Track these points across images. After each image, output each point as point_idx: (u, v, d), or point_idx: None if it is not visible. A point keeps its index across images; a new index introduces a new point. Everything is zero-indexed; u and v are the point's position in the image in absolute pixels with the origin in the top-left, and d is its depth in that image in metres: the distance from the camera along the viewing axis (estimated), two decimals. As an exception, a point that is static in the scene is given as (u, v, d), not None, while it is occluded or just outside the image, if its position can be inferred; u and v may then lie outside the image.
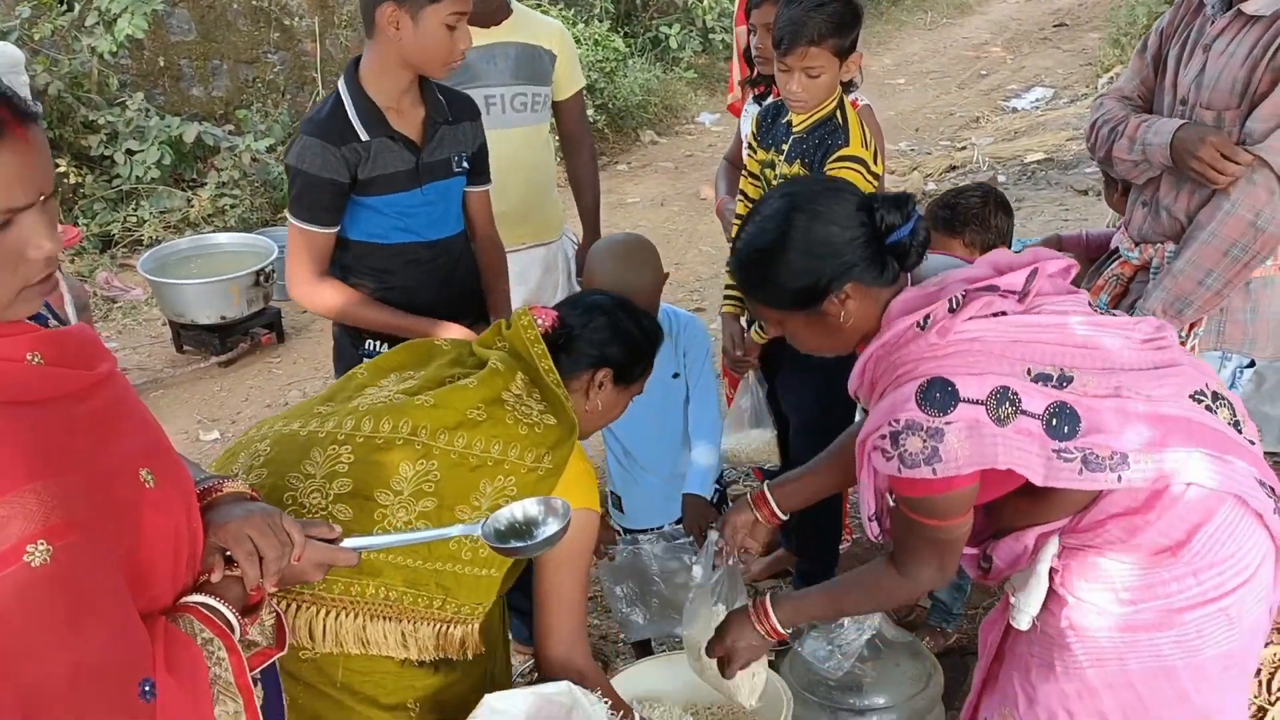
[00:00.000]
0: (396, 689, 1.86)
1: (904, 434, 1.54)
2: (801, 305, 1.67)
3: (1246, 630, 1.64)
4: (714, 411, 2.67)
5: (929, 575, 1.72)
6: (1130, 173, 2.40)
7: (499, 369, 1.88)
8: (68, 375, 1.16)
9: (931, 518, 1.62)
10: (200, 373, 5.11)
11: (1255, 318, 2.30)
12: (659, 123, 8.90)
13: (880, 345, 1.64)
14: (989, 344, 1.57)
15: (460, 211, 2.64)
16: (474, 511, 1.77)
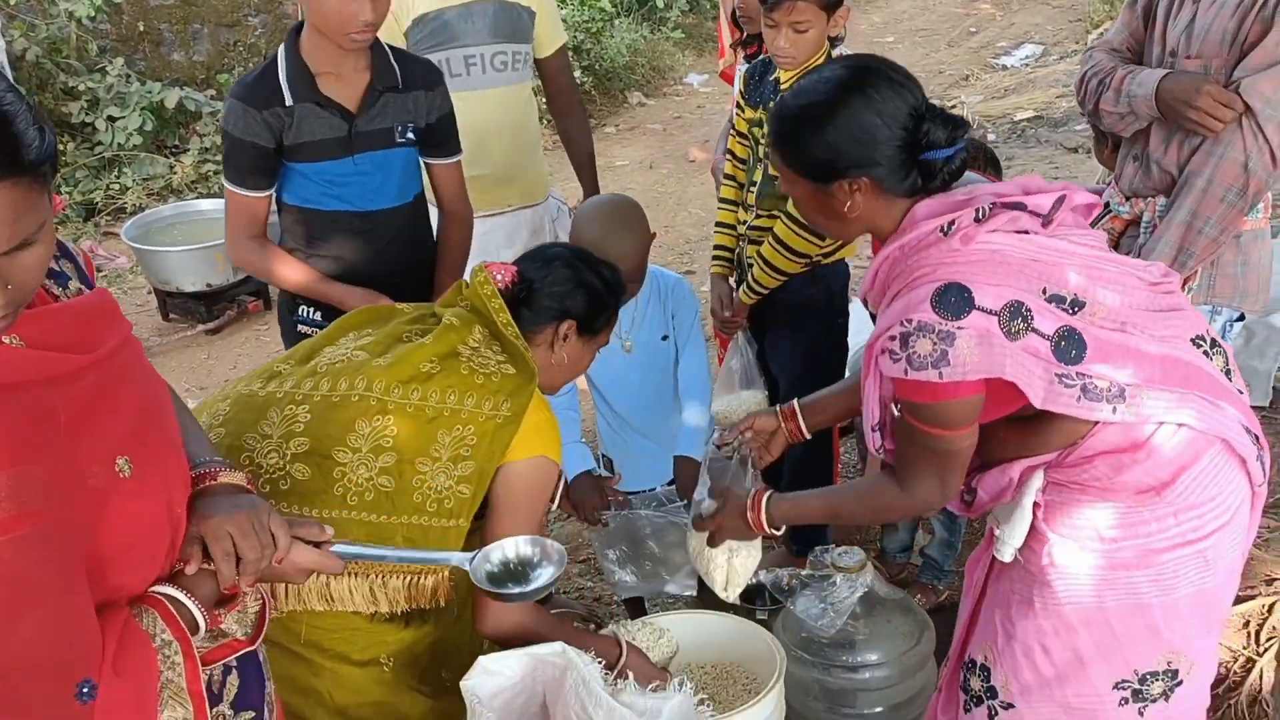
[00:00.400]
0: (368, 645, 1.85)
1: (915, 335, 1.52)
2: (813, 176, 1.66)
3: (1221, 572, 1.67)
4: (704, 372, 2.67)
5: (928, 489, 1.69)
6: (1117, 125, 2.39)
7: (454, 324, 1.88)
8: (49, 359, 1.12)
9: (934, 425, 1.60)
10: (187, 340, 5.08)
11: (1246, 270, 2.30)
12: (647, 84, 8.82)
13: (899, 246, 1.62)
14: (1009, 258, 1.56)
15: (408, 184, 2.57)
16: (434, 463, 1.77)
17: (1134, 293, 1.62)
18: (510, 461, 1.82)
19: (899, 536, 3.09)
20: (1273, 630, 2.54)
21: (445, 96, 2.57)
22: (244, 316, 5.21)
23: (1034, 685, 1.73)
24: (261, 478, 1.76)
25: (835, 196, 1.65)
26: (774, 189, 2.72)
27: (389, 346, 1.88)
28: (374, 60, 2.45)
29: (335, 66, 2.41)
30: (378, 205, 2.51)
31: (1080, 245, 1.62)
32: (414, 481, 1.77)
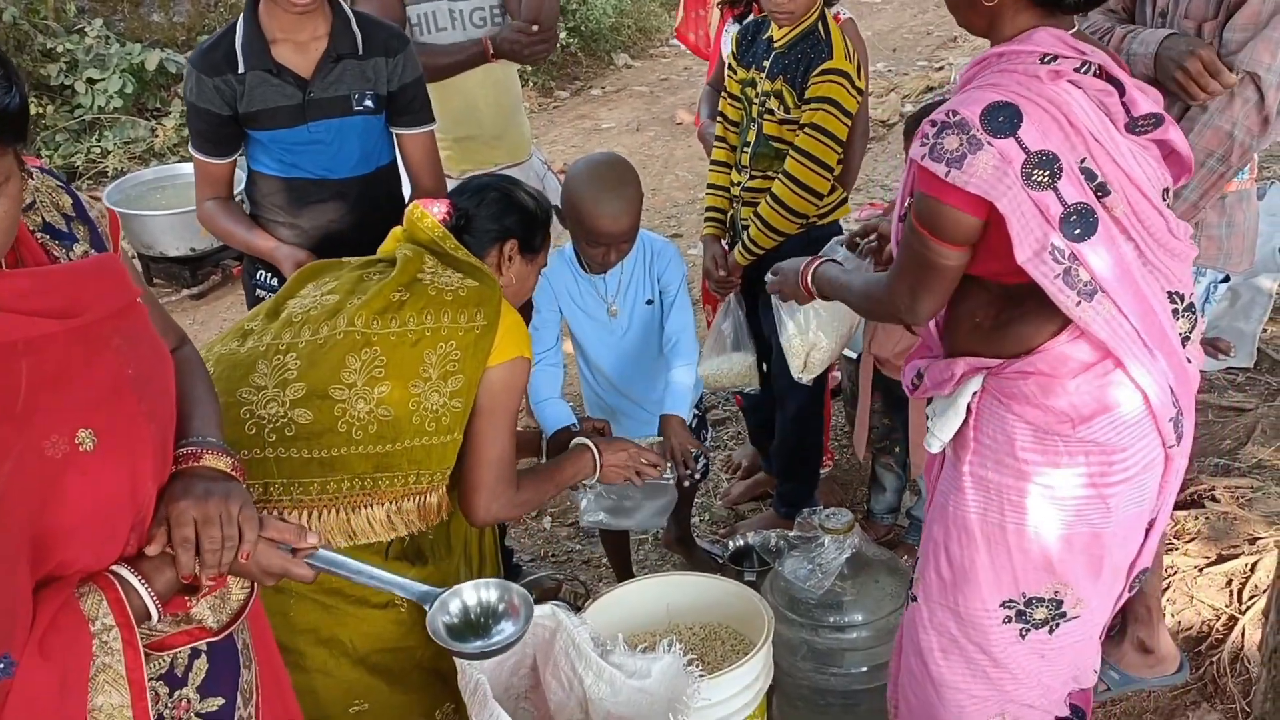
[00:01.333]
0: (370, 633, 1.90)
1: (952, 128, 1.55)
2: None
3: (1119, 522, 1.74)
4: (690, 333, 2.67)
5: (901, 296, 1.74)
6: None
7: (407, 256, 1.93)
8: (17, 322, 1.08)
9: (925, 224, 1.63)
10: (171, 306, 5.05)
11: (1230, 232, 2.30)
12: (632, 45, 8.75)
13: (999, 53, 1.64)
14: (1073, 116, 1.57)
15: (372, 152, 2.51)
16: (425, 383, 1.83)
17: (1156, 224, 1.65)
18: (491, 366, 1.88)
19: (886, 498, 3.11)
20: (1255, 589, 2.58)
21: (412, 63, 2.49)
22: (228, 281, 5.18)
23: (934, 587, 1.84)
24: (265, 427, 1.79)
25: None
26: (768, 149, 2.71)
27: (355, 286, 1.93)
28: (333, 25, 2.40)
29: (291, 33, 2.37)
30: (337, 174, 2.48)
31: (1140, 165, 1.64)
32: (411, 404, 1.82)
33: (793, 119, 2.63)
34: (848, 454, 3.47)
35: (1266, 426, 3.23)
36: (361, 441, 1.81)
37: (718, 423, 3.82)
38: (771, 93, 2.65)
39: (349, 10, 2.46)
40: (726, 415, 3.88)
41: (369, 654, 1.92)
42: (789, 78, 2.62)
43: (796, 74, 2.61)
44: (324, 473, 1.80)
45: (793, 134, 2.64)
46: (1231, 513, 2.81)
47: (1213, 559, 2.70)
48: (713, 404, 3.88)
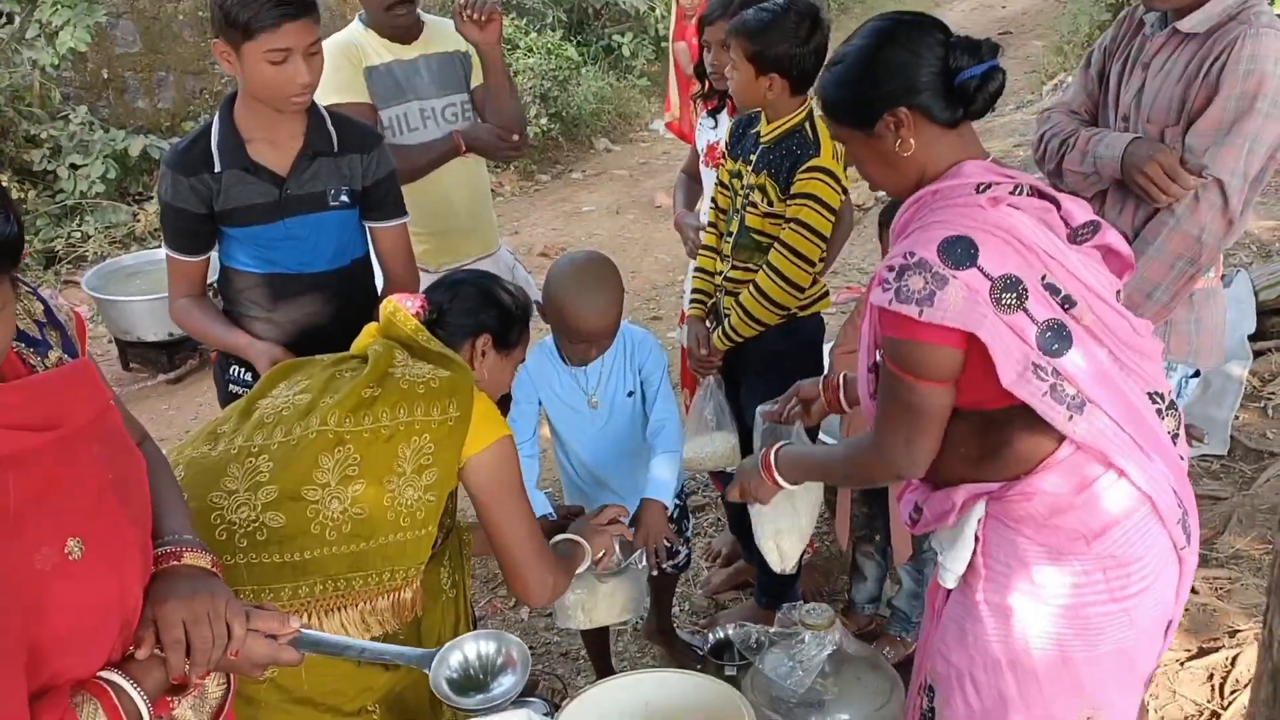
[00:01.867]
0: (356, 693, 1.88)
1: (912, 270, 1.56)
2: (857, 121, 1.71)
3: (1143, 630, 1.70)
4: (676, 422, 2.67)
5: (897, 449, 1.70)
6: (1080, 185, 2.42)
7: (379, 352, 1.93)
8: (4, 437, 1.09)
9: (906, 370, 1.62)
10: (148, 390, 5.02)
11: (1199, 329, 2.34)
12: (613, 130, 8.91)
13: (934, 190, 1.67)
14: (1023, 236, 1.60)
15: (346, 247, 2.55)
16: (400, 478, 1.81)
17: (1122, 327, 1.67)
18: (472, 455, 1.88)
19: (867, 587, 3.09)
20: (1236, 683, 2.56)
21: (385, 159, 2.54)
22: (205, 366, 5.15)
23: (963, 715, 1.77)
24: (237, 533, 1.76)
25: (883, 139, 1.69)
26: (749, 240, 2.75)
27: (327, 385, 1.92)
28: (309, 124, 2.45)
29: (268, 132, 2.41)
30: (312, 268, 2.50)
31: (1092, 274, 1.67)
32: (385, 501, 1.80)
33: (775, 213, 2.68)
34: (828, 541, 3.46)
35: (1242, 516, 3.24)
36: (335, 541, 1.78)
37: (697, 509, 3.80)
38: (755, 186, 2.71)
39: (323, 110, 2.50)
40: (706, 501, 3.87)
41: None
42: (773, 172, 2.67)
43: (781, 170, 2.66)
44: (296, 577, 1.77)
45: (774, 227, 2.69)
46: (1210, 604, 2.81)
47: (1194, 652, 2.69)
48: (692, 489, 3.86)
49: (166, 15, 7.41)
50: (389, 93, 2.98)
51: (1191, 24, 2.18)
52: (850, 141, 1.77)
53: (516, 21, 8.55)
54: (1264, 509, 3.25)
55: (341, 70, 2.87)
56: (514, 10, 8.77)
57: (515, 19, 8.57)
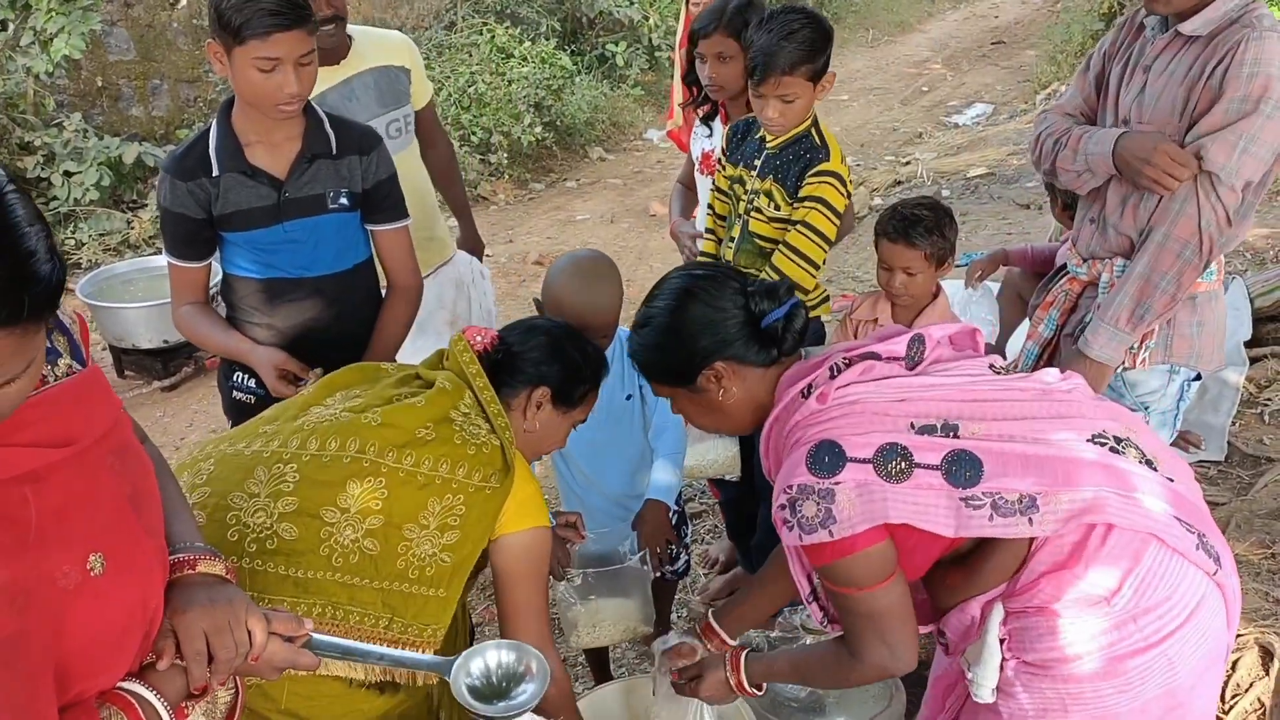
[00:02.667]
0: (344, 713, 1.83)
1: (799, 500, 1.56)
2: (678, 381, 1.78)
3: (1188, 671, 1.62)
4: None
5: (877, 654, 1.66)
6: (1074, 183, 2.44)
7: (446, 389, 1.88)
8: (23, 456, 1.08)
9: (848, 586, 1.61)
10: (143, 398, 5.00)
11: (1201, 331, 2.34)
12: (607, 139, 8.92)
13: (774, 419, 1.71)
14: (870, 404, 1.61)
15: (347, 250, 2.54)
16: (421, 530, 1.76)
17: (1015, 406, 1.63)
18: (506, 534, 1.84)
19: None
20: (1236, 687, 2.56)
21: (385, 161, 2.53)
22: (200, 373, 5.14)
23: None
24: (248, 536, 1.74)
25: (706, 391, 1.75)
26: (752, 245, 2.75)
27: (378, 402, 1.88)
28: (307, 126, 2.43)
29: (265, 135, 2.40)
30: (313, 272, 2.49)
31: (950, 377, 1.66)
32: (399, 548, 1.76)
33: (782, 217, 2.68)
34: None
35: (1240, 521, 3.24)
36: (340, 570, 1.74)
37: (694, 515, 3.79)
38: (761, 191, 2.70)
39: (321, 112, 2.49)
40: (703, 508, 3.86)
41: None
42: (779, 177, 2.67)
43: (789, 175, 2.66)
44: (297, 593, 1.73)
45: (780, 231, 2.69)
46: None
47: (1194, 656, 2.68)
48: (689, 496, 3.86)
49: (161, 23, 7.40)
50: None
51: (1193, 27, 2.19)
52: (675, 398, 1.81)
53: (511, 30, 8.56)
54: (1262, 514, 3.25)
55: None
56: (508, 19, 8.79)
57: (510, 28, 8.59)
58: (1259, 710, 2.50)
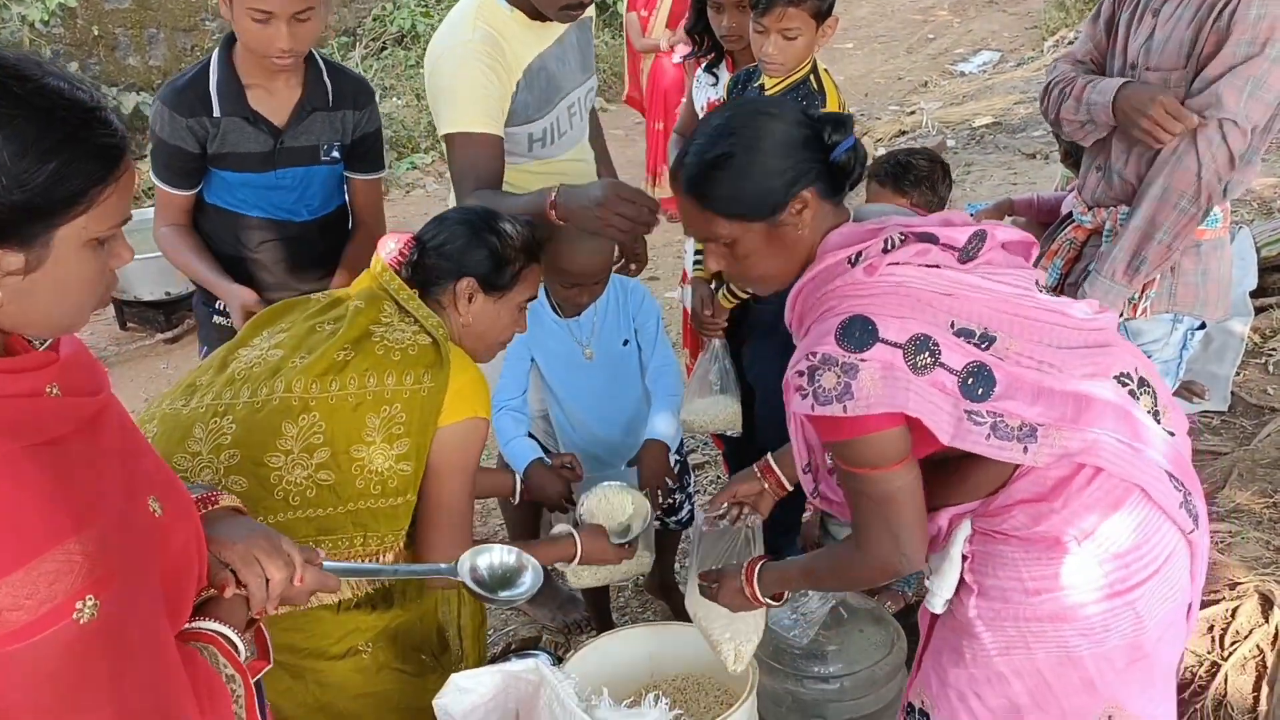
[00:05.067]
0: (342, 635, 1.87)
1: (820, 369, 1.50)
2: (762, 212, 1.60)
3: (1156, 625, 1.61)
4: (675, 368, 2.66)
5: (882, 545, 1.60)
6: (1077, 134, 2.41)
7: (360, 307, 1.89)
8: (83, 404, 1.09)
9: (861, 465, 1.55)
10: (145, 350, 5.00)
11: (1206, 280, 2.33)
12: (608, 89, 8.82)
13: (811, 278, 1.61)
14: (915, 291, 1.54)
15: (330, 198, 2.58)
16: (369, 447, 1.78)
17: (1054, 331, 1.60)
18: (443, 426, 1.83)
19: None
20: (1236, 634, 2.57)
21: (374, 116, 2.56)
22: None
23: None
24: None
25: (785, 225, 1.60)
26: None
27: (302, 342, 1.88)
28: (307, 76, 2.44)
29: (266, 81, 2.39)
30: (298, 217, 2.54)
31: (1000, 283, 1.60)
32: (353, 469, 1.78)
33: None
34: (828, 499, 3.46)
35: (1243, 471, 3.25)
36: (299, 507, 1.76)
37: (697, 467, 3.80)
38: None
39: (321, 62, 2.47)
40: (706, 459, 3.87)
41: (332, 702, 1.87)
42: None
43: None
44: None
45: None
46: (1211, 558, 2.81)
47: (1193, 604, 2.70)
48: (692, 447, 3.86)
49: (156, -29, 7.31)
50: (542, 98, 2.45)
51: (1204, -30, 2.16)
52: (740, 238, 1.62)
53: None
54: (1264, 464, 3.26)
55: (490, 90, 2.31)
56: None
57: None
58: (1257, 657, 2.52)
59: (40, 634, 0.98)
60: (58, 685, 1.00)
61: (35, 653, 0.97)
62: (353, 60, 8.79)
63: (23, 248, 1.01)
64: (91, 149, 1.03)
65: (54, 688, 1.00)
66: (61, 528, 1.00)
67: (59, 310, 1.07)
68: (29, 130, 0.98)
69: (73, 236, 1.03)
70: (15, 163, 0.97)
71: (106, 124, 1.05)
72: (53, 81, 1.01)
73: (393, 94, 8.69)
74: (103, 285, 1.10)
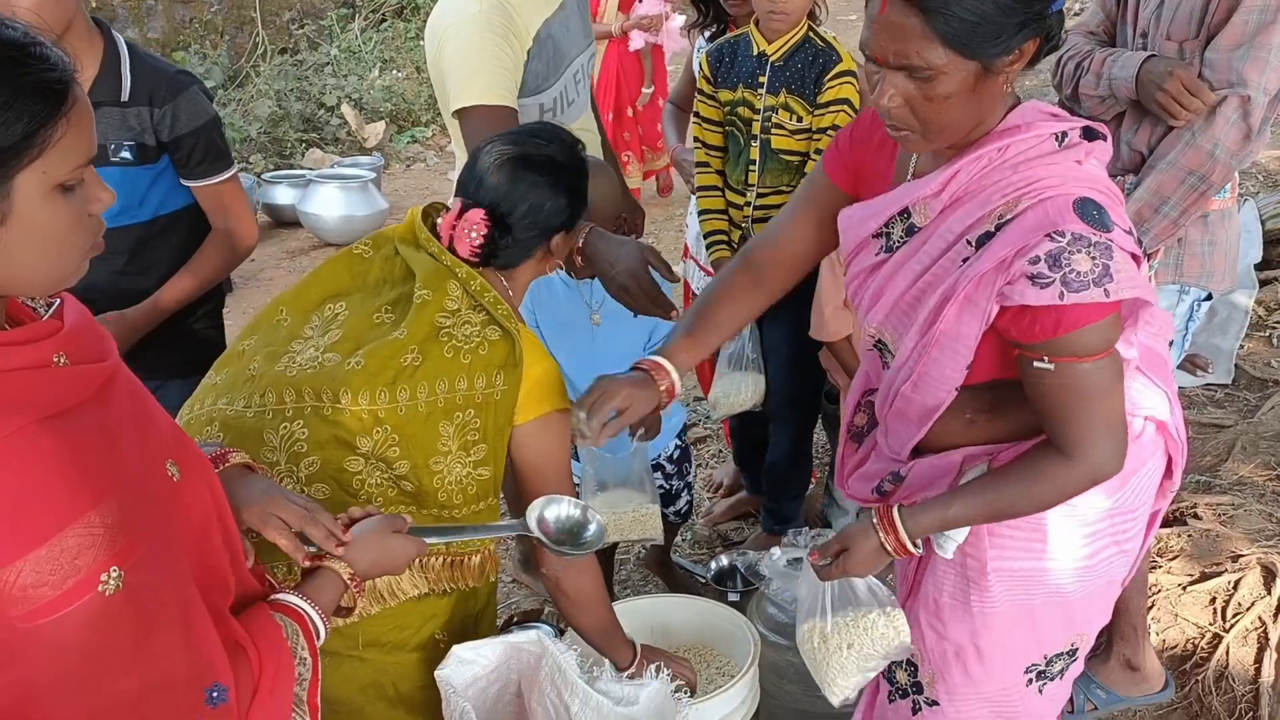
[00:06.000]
0: (420, 626, 1.83)
1: (1069, 250, 1.31)
2: (986, 51, 1.33)
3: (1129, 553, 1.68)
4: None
5: (1104, 448, 1.43)
6: (1097, 109, 2.37)
7: (426, 300, 1.74)
8: (92, 372, 1.06)
9: (1092, 352, 1.37)
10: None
11: (1212, 250, 2.31)
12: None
13: (1001, 147, 1.39)
14: (1112, 188, 1.43)
15: (133, 203, 2.30)
16: (446, 457, 1.71)
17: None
18: (520, 424, 1.76)
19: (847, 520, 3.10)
20: (1238, 606, 2.58)
21: (192, 109, 2.30)
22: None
23: (961, 686, 1.69)
24: None
25: (998, 74, 1.36)
26: (779, 163, 2.69)
27: (362, 337, 1.76)
28: (103, 68, 2.22)
29: None
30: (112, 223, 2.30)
31: None
32: (434, 482, 1.71)
33: (805, 128, 2.64)
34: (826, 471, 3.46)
35: (1246, 443, 3.24)
36: (382, 506, 1.69)
37: (698, 440, 3.80)
38: (777, 106, 2.64)
39: (125, 52, 2.27)
40: (707, 433, 3.87)
41: (410, 693, 1.84)
42: (794, 88, 2.62)
43: (806, 82, 2.62)
44: None
45: (804, 143, 2.65)
46: (1214, 530, 2.81)
47: (1196, 577, 2.70)
48: (693, 421, 3.86)
49: (154, -59, 7.25)
50: (551, 66, 2.38)
51: (1214, -62, 2.12)
52: (945, 75, 1.34)
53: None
54: (1267, 437, 3.25)
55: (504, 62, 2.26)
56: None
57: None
58: (1259, 629, 2.53)
59: (67, 608, 0.97)
60: (84, 657, 0.99)
61: (62, 627, 0.97)
62: (352, 32, 8.73)
63: None
64: (32, 87, 0.96)
65: (81, 659, 0.99)
66: (81, 501, 0.98)
67: (44, 265, 1.02)
68: None
69: (34, 183, 0.98)
70: None
71: (44, 59, 0.98)
72: None
73: (392, 66, 8.64)
74: (86, 232, 1.04)
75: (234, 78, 7.74)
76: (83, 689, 1.00)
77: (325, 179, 6.31)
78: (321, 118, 7.81)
